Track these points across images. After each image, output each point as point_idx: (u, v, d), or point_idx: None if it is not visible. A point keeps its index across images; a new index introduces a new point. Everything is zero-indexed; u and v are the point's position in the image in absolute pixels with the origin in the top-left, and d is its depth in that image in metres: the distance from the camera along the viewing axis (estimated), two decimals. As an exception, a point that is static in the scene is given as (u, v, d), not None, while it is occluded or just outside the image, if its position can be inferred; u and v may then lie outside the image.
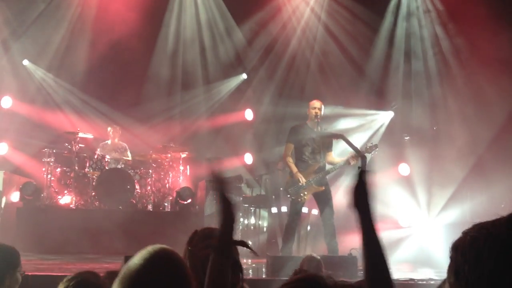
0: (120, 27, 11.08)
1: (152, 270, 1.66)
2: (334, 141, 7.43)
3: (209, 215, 9.15)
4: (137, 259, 1.69)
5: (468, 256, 1.21)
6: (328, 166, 7.25)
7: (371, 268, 1.76)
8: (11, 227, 9.06)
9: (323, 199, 7.14)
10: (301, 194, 7.07)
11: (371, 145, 7.16)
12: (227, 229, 2.07)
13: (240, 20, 11.92)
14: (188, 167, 10.60)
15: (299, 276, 1.71)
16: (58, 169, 9.88)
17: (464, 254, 1.22)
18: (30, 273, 5.18)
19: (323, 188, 7.13)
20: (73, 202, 9.67)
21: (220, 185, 2.13)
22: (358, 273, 6.39)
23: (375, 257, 1.77)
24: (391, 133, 10.60)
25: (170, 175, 10.18)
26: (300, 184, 7.03)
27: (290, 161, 7.22)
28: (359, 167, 6.29)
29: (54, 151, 9.91)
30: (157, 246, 1.75)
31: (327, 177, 7.29)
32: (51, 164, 9.82)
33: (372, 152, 7.13)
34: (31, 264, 6.44)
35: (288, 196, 7.20)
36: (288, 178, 7.27)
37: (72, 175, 9.75)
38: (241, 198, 10.01)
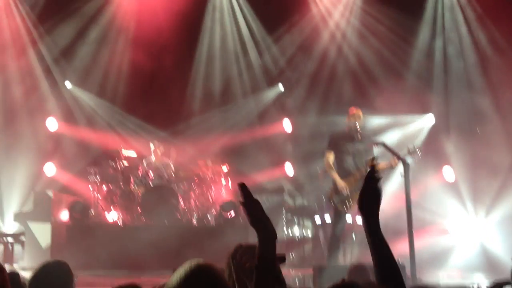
0: (159, 45, 11.33)
1: (190, 286, 1.71)
2: (376, 148, 7.37)
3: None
4: (176, 276, 1.75)
5: None
6: None
7: (380, 268, 1.78)
8: (61, 245, 9.33)
9: None
10: (346, 203, 7.02)
11: (415, 149, 7.03)
12: (266, 247, 2.07)
13: (275, 31, 12.00)
14: (229, 180, 10.69)
15: (336, 283, 1.74)
16: (104, 187, 10.12)
17: None
18: (83, 289, 5.33)
19: None
20: (120, 218, 9.89)
21: (251, 207, 2.12)
22: (407, 281, 6.30)
23: (383, 257, 1.81)
24: (433, 137, 10.44)
25: (213, 189, 10.28)
26: (344, 193, 6.99)
27: (333, 169, 7.18)
28: (400, 173, 6.22)
29: (100, 169, 10.18)
30: (194, 262, 1.79)
31: None
32: (97, 182, 10.08)
33: (415, 156, 7.04)
34: (82, 280, 6.61)
35: (333, 205, 7.17)
36: (331, 188, 7.23)
37: (118, 192, 9.97)
38: (284, 210, 10.02)
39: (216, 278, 1.78)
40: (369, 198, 1.89)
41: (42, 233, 9.55)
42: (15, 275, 3.28)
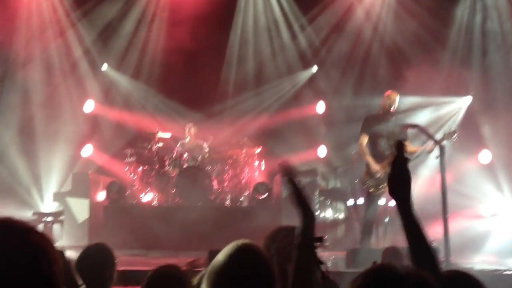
0: (194, 27, 11.34)
1: (238, 266, 1.74)
2: (410, 131, 7.28)
3: (287, 211, 9.19)
4: (222, 255, 1.77)
5: None
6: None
7: (414, 251, 1.80)
8: (99, 225, 9.57)
9: None
10: (379, 187, 6.98)
11: (451, 131, 6.92)
12: (308, 226, 2.11)
13: (309, 11, 11.89)
14: (263, 162, 10.73)
15: (371, 267, 1.75)
16: (140, 168, 10.30)
17: None
18: (120, 268, 5.46)
19: None
20: (155, 199, 10.07)
21: (295, 187, 2.18)
22: (441, 264, 6.26)
23: (417, 239, 1.80)
24: (470, 119, 10.23)
25: (246, 171, 10.35)
26: (378, 176, 6.95)
27: (366, 152, 7.11)
28: (436, 157, 6.14)
29: (135, 151, 10.36)
30: (241, 242, 1.82)
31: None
32: (133, 163, 10.27)
33: (451, 139, 6.93)
34: (120, 260, 6.76)
35: (365, 188, 7.13)
36: (365, 170, 7.18)
37: (153, 173, 10.14)
38: (317, 192, 10.01)
39: (262, 258, 1.81)
40: (398, 181, 1.88)
41: (81, 210, 9.82)
42: (60, 253, 3.40)
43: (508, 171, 9.52)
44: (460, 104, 10.45)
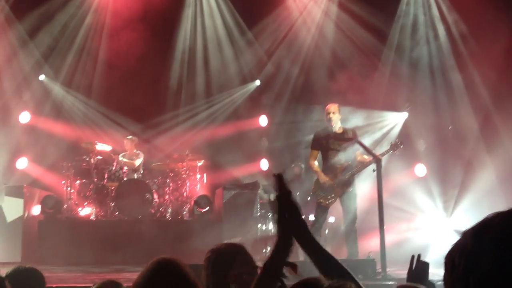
0: (135, 38, 11.21)
1: (155, 280, 1.73)
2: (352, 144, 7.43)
3: (228, 224, 9.16)
4: (140, 274, 1.76)
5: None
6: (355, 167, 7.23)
7: (331, 273, 1.77)
8: (33, 240, 9.22)
9: (349, 202, 7.14)
10: (329, 197, 7.10)
11: (397, 142, 7.15)
12: (282, 253, 1.91)
13: (252, 25, 11.99)
14: (205, 175, 10.68)
15: (299, 281, 1.71)
16: (78, 181, 10.03)
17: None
18: (54, 285, 5.28)
19: (351, 189, 7.14)
20: (93, 213, 9.81)
21: (287, 205, 1.89)
22: (377, 276, 6.40)
23: (328, 262, 1.81)
24: (406, 134, 10.57)
25: (188, 184, 10.27)
26: (327, 187, 7.06)
27: (315, 166, 7.26)
28: (373, 170, 6.32)
29: (73, 164, 10.08)
30: (160, 257, 1.80)
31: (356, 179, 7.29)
32: (70, 176, 9.98)
33: (397, 149, 7.13)
34: (54, 276, 6.55)
35: (316, 199, 7.21)
36: (315, 182, 7.31)
37: (91, 187, 9.89)
38: (257, 205, 10.04)
39: (180, 274, 1.78)
40: (290, 216, 1.82)
41: (14, 224, 9.38)
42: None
43: (441, 184, 9.89)
44: (397, 119, 10.77)
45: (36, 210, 9.82)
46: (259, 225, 9.66)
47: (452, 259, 1.16)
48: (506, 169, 9.26)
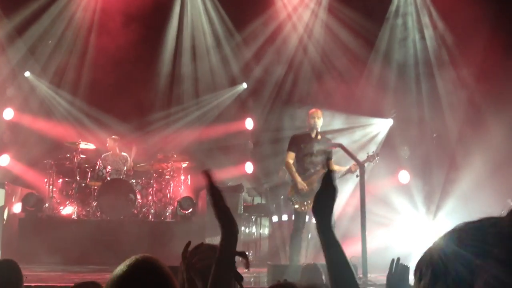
0: (121, 38, 11.16)
1: (134, 277, 1.72)
2: (334, 150, 7.48)
3: (211, 226, 9.15)
4: (120, 267, 1.76)
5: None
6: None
7: (332, 268, 1.81)
8: (13, 238, 9.12)
9: None
10: (304, 203, 7.10)
11: (372, 153, 7.21)
12: (229, 241, 2.05)
13: (240, 28, 12.01)
14: (189, 176, 10.65)
15: (273, 285, 1.74)
16: (60, 180, 9.94)
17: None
18: (33, 284, 5.23)
19: None
20: (75, 213, 9.73)
21: (218, 197, 2.10)
22: (358, 281, 6.42)
23: (335, 257, 1.82)
24: (390, 140, 10.65)
25: (171, 185, 10.23)
26: (303, 191, 7.07)
27: (292, 169, 7.25)
28: (357, 176, 6.36)
29: (56, 162, 9.99)
30: (140, 255, 1.80)
31: None
32: (53, 175, 9.89)
33: (373, 161, 7.19)
34: (34, 275, 6.48)
35: (292, 204, 7.23)
36: (291, 187, 7.30)
37: (74, 186, 9.81)
38: (242, 208, 10.05)
39: (159, 273, 1.77)
40: (325, 199, 1.89)
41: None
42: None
43: (423, 190, 9.97)
44: (382, 126, 10.85)
45: (17, 207, 9.72)
46: (242, 228, 9.66)
47: (420, 269, 1.18)
48: (487, 173, 9.36)
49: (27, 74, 11.65)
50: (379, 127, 10.82)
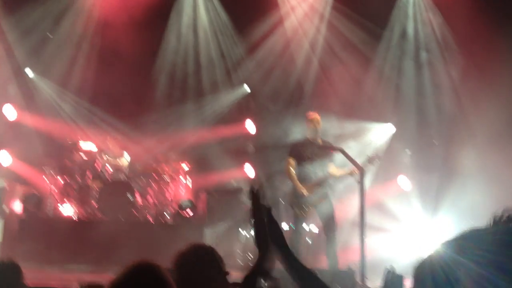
0: (123, 38, 11.18)
1: (134, 283, 1.73)
2: (334, 153, 7.48)
3: (211, 229, 9.15)
4: (121, 273, 1.76)
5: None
6: (330, 179, 7.27)
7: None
8: (13, 238, 9.11)
9: (326, 213, 7.15)
10: (305, 208, 7.10)
11: (374, 155, 7.19)
12: (263, 269, 1.98)
13: (242, 31, 12.01)
14: (189, 178, 10.65)
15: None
16: (60, 180, 9.94)
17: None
18: (33, 284, 5.23)
19: (326, 199, 7.16)
20: (75, 213, 9.73)
21: (261, 215, 1.93)
22: (356, 287, 6.43)
23: (309, 280, 1.79)
24: (391, 146, 10.65)
25: (172, 187, 10.23)
26: (304, 197, 7.07)
27: (292, 175, 7.25)
28: (358, 182, 6.35)
29: (56, 162, 9.99)
30: (137, 262, 1.80)
31: (331, 189, 7.33)
32: (53, 175, 9.89)
33: (375, 164, 7.18)
34: (33, 275, 6.48)
35: (292, 210, 7.23)
36: (291, 192, 7.31)
37: (74, 185, 9.82)
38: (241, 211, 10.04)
39: (159, 279, 1.78)
40: (268, 231, 1.83)
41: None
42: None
43: (423, 196, 9.97)
44: (383, 131, 10.85)
45: (17, 206, 9.72)
46: (242, 231, 9.66)
47: (420, 277, 1.20)
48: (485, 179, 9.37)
49: (29, 74, 11.65)
50: (381, 132, 10.83)
